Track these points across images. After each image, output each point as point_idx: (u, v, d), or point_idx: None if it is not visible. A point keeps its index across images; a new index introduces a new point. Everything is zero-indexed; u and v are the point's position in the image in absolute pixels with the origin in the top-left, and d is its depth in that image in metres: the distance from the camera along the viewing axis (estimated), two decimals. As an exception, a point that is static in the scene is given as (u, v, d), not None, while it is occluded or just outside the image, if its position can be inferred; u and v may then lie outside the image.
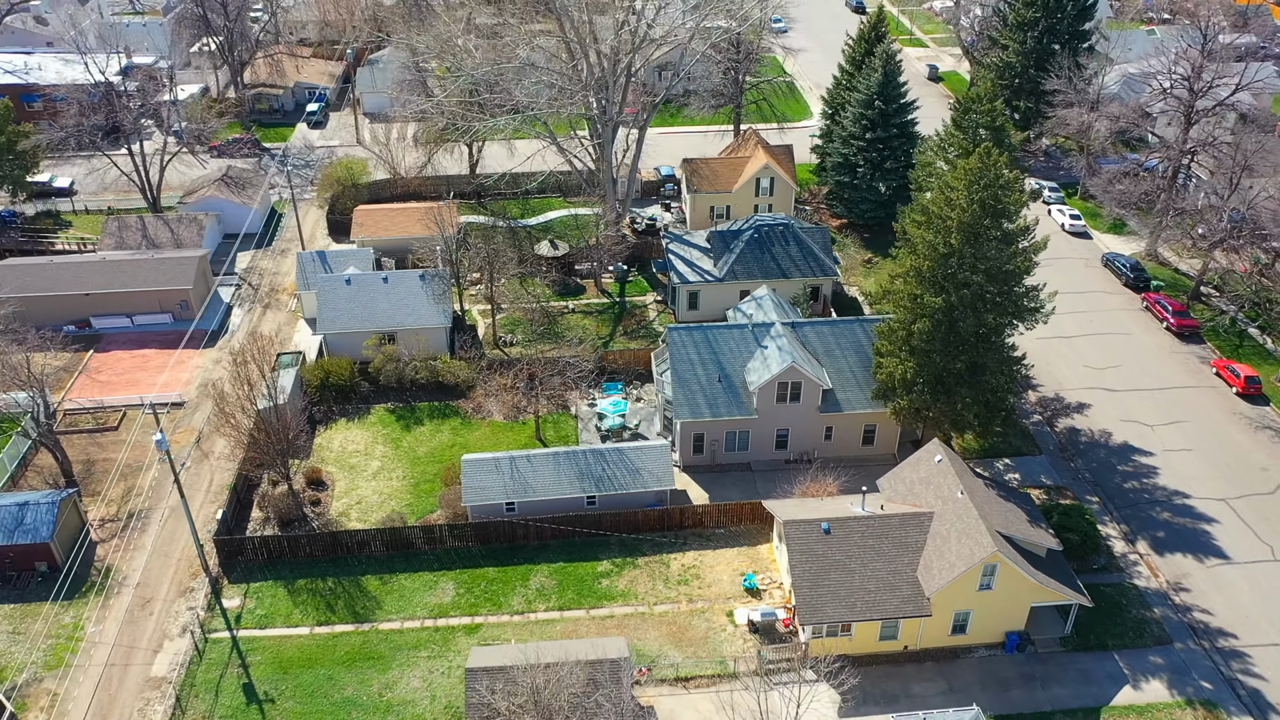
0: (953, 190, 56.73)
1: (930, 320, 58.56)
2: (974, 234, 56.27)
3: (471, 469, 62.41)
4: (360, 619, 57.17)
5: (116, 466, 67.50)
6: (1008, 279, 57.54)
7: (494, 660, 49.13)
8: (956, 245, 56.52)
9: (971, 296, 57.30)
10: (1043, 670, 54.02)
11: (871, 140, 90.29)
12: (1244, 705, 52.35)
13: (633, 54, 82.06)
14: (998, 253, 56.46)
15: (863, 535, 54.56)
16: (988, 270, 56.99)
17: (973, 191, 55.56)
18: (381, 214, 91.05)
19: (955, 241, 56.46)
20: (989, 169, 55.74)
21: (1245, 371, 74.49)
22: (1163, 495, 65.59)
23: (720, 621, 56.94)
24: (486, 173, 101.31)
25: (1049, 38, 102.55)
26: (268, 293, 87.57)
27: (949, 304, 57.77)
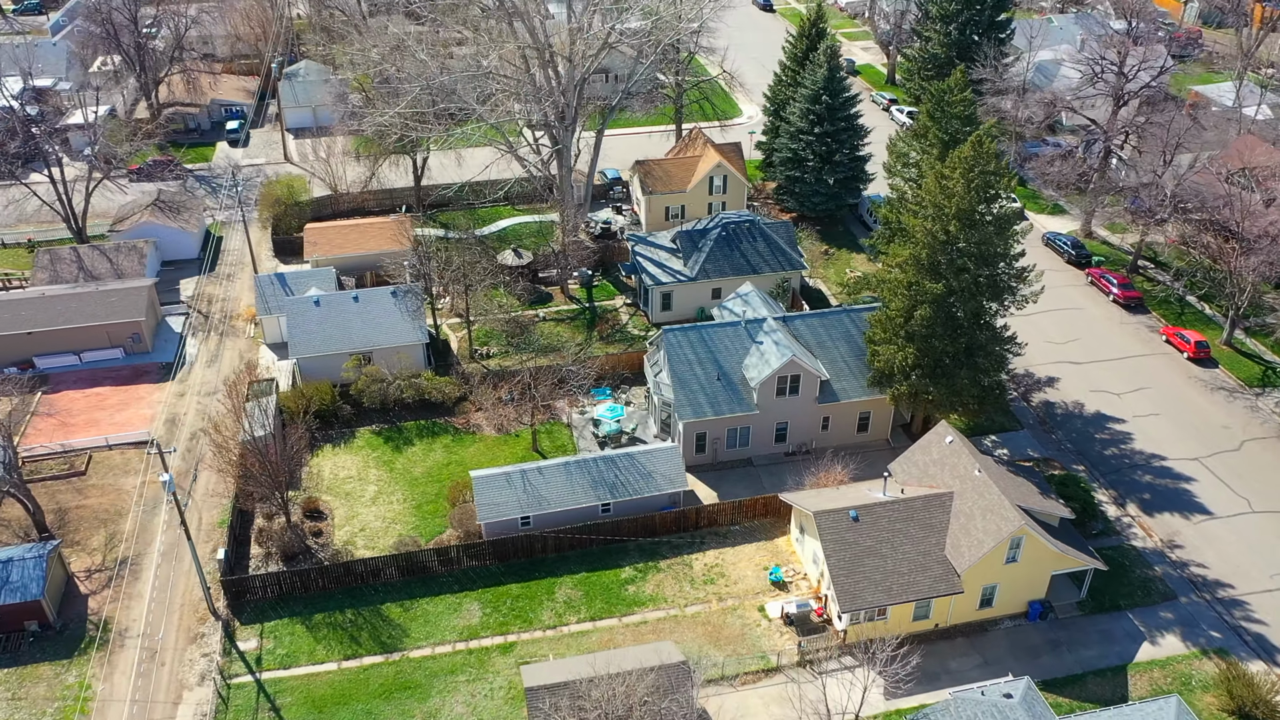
0: (947, 178, 58.49)
1: (931, 306, 60.25)
2: (969, 220, 58.17)
3: (483, 485, 61.26)
4: (389, 648, 55.49)
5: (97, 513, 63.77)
6: (998, 260, 59.72)
7: (551, 677, 48.41)
8: (954, 231, 58.32)
9: (970, 280, 59.21)
10: (1066, 635, 56.27)
11: (820, 134, 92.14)
12: (1252, 650, 55.62)
13: (595, 59, 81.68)
14: (991, 236, 58.53)
15: (890, 520, 55.80)
16: (981, 253, 59.03)
17: (969, 179, 57.43)
18: (334, 232, 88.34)
19: (953, 228, 58.25)
20: (982, 157, 57.73)
21: (1194, 337, 79.01)
22: (1141, 459, 69.04)
23: (753, 617, 57.39)
24: (433, 184, 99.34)
25: (970, 28, 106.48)
26: (221, 320, 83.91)
27: (949, 289, 59.58)
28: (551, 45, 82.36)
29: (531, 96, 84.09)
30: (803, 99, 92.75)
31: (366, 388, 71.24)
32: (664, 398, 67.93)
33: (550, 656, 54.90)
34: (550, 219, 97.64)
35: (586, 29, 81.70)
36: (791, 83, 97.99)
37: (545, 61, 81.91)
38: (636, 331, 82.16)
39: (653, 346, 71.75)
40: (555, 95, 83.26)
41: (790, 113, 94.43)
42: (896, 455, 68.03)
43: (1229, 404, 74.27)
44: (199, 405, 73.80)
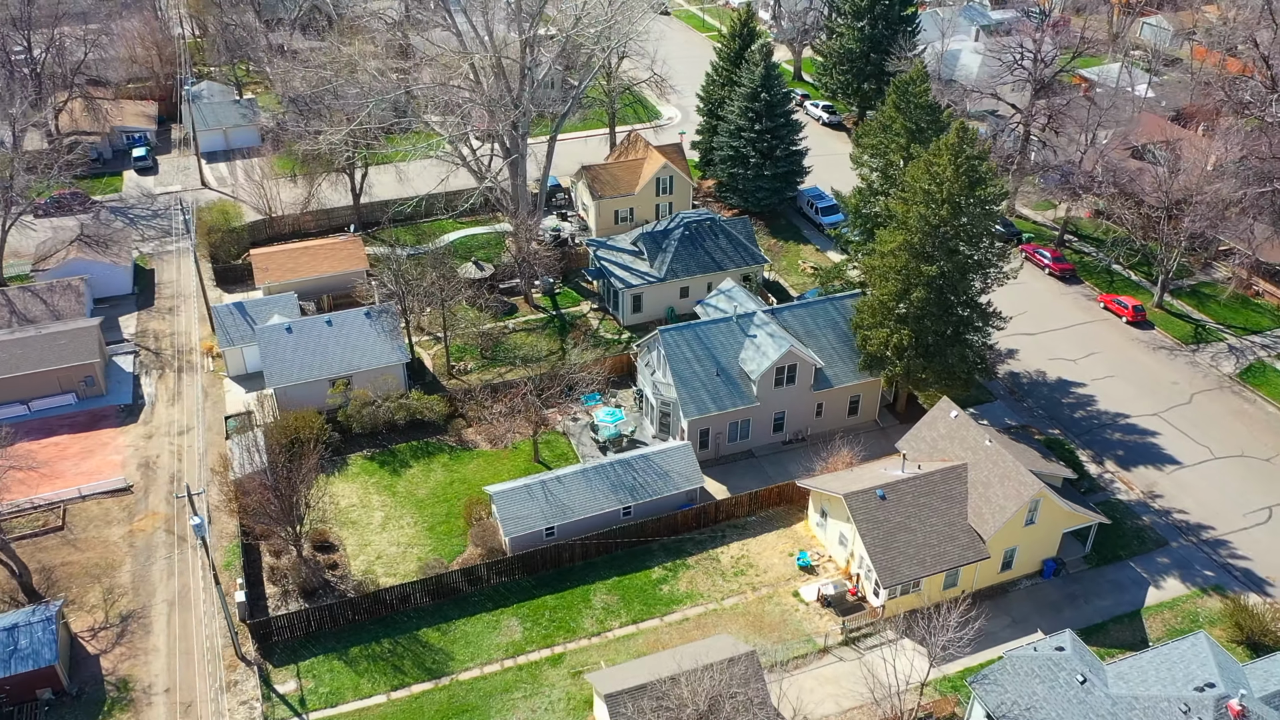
0: (935, 165, 61.17)
1: (925, 288, 62.88)
2: (959, 203, 61.01)
3: (505, 500, 60.60)
4: (436, 673, 54.37)
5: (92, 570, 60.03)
6: (984, 240, 62.89)
7: (625, 682, 48.44)
8: (946, 215, 61.06)
9: (961, 261, 62.11)
10: (1080, 589, 59.71)
11: (760, 131, 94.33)
12: (1243, 584, 60.28)
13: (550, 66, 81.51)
14: (980, 218, 61.58)
15: (914, 495, 58.02)
16: (970, 234, 62.03)
17: (958, 164, 60.24)
18: (283, 256, 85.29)
19: (945, 212, 60.98)
20: (966, 143, 60.65)
21: (1131, 302, 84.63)
22: (1107, 419, 73.63)
23: (790, 603, 58.70)
24: (373, 201, 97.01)
25: (883, 23, 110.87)
26: (173, 356, 79.93)
27: (942, 271, 62.32)
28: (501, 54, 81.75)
29: (484, 106, 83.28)
30: (741, 97, 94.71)
31: (357, 412, 69.29)
32: (664, 397, 68.55)
33: (602, 663, 54.87)
34: (498, 230, 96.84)
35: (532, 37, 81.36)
36: (726, 82, 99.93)
37: (498, 70, 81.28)
38: (609, 336, 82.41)
39: (642, 349, 72.19)
40: (508, 104, 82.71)
41: (729, 111, 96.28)
42: (886, 435, 71.02)
43: (1171, 361, 79.92)
44: (171, 446, 70.29)
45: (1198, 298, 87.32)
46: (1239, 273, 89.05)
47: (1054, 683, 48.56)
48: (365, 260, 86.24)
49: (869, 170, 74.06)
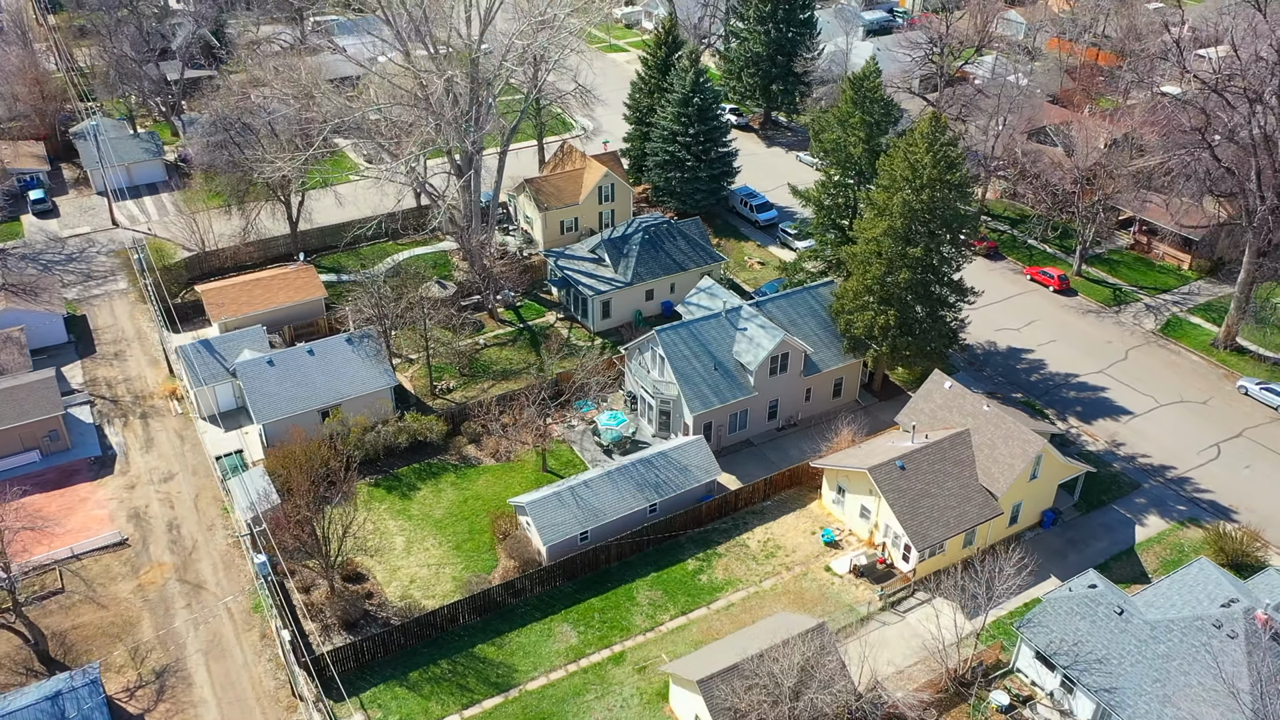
0: (913, 153, 65.23)
1: (911, 269, 66.88)
2: (935, 188, 65.25)
3: (539, 509, 60.95)
4: (503, 687, 54.38)
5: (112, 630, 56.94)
6: (959, 221, 67.46)
7: (713, 666, 49.86)
8: (927, 200, 65.20)
9: (942, 241, 66.43)
10: (1076, 534, 64.75)
11: (694, 134, 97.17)
12: (1211, 514, 66.70)
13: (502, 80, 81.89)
14: (955, 201, 66.05)
15: (929, 462, 61.69)
16: (948, 216, 66.44)
17: (935, 152, 64.47)
18: (235, 290, 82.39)
19: (926, 197, 65.11)
20: (939, 131, 64.99)
21: (1055, 273, 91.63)
22: (1060, 379, 79.67)
23: (825, 578, 61.39)
24: (312, 228, 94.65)
25: (786, 26, 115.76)
26: (133, 403, 76.13)
27: (926, 251, 66.47)
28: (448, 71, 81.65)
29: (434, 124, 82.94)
30: (673, 103, 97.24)
31: (359, 439, 68.01)
32: (665, 395, 70.18)
33: (664, 656, 56.12)
34: (443, 249, 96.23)
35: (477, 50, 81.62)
36: (654, 89, 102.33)
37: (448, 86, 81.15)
38: (582, 343, 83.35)
39: (632, 351, 73.54)
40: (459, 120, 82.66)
41: (661, 117, 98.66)
42: (869, 413, 74.86)
43: (1100, 323, 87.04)
44: (158, 494, 67.19)
45: (1109, 264, 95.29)
46: (1139, 239, 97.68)
47: (1094, 617, 52.88)
48: (322, 288, 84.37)
49: (831, 164, 77.64)
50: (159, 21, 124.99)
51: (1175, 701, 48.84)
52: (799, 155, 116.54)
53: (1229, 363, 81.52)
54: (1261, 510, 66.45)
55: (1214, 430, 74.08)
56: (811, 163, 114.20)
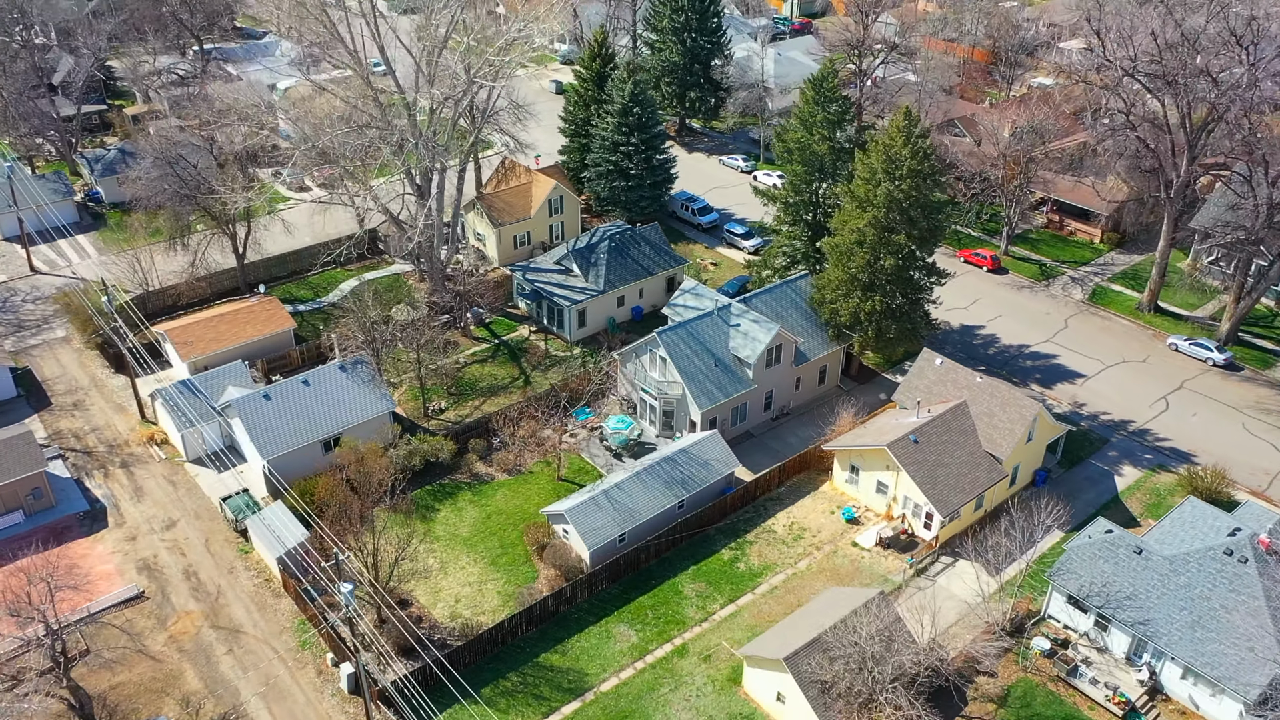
0: (891, 147, 69.23)
1: (895, 256, 70.88)
2: (913, 178, 69.47)
3: (579, 516, 61.65)
4: (577, 692, 54.99)
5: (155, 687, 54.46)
6: (934, 208, 71.98)
7: (792, 643, 51.86)
8: (908, 190, 69.32)
9: (923, 228, 70.72)
10: (1066, 489, 69.84)
11: (637, 143, 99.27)
12: (1176, 459, 73.18)
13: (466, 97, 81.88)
14: (932, 189, 70.46)
15: (937, 434, 65.58)
16: (926, 204, 70.78)
17: (912, 145, 68.64)
18: (200, 327, 79.39)
19: (907, 187, 69.22)
20: (913, 124, 69.24)
21: (987, 253, 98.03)
22: (1015, 350, 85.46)
23: (854, 553, 64.39)
24: (260, 259, 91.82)
25: (699, 35, 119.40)
26: (108, 452, 72.47)
27: (910, 238, 70.58)
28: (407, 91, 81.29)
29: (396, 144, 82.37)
30: (613, 114, 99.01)
31: (377, 466, 66.91)
32: (669, 395, 71.88)
33: (725, 643, 57.84)
34: (394, 272, 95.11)
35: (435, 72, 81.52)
36: (589, 101, 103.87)
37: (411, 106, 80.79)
38: (561, 354, 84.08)
39: (626, 356, 74.91)
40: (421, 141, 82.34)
41: (601, 128, 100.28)
42: (852, 396, 78.51)
43: (1035, 297, 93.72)
44: (165, 542, 64.43)
45: (1030, 243, 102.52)
46: (1051, 217, 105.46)
47: (1116, 559, 57.62)
48: (289, 319, 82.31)
49: (793, 162, 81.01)
50: (42, 55, 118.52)
51: (1203, 625, 53.88)
52: (721, 159, 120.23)
53: (1155, 323, 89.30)
54: (1216, 452, 73.34)
55: (1158, 385, 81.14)
56: (735, 165, 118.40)
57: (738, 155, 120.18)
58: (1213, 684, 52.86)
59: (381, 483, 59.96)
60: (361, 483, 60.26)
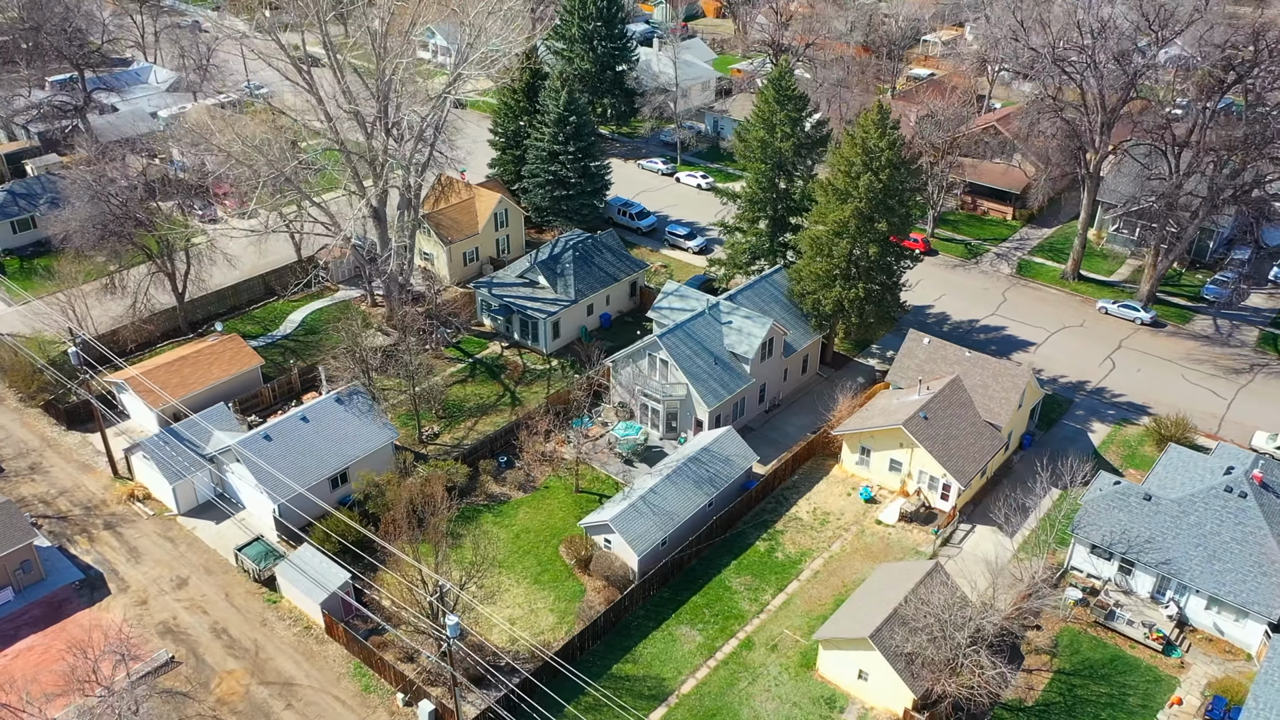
0: (868, 138, 72.17)
1: (876, 244, 73.94)
2: (890, 168, 72.70)
3: (624, 524, 61.60)
4: (660, 697, 55.16)
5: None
6: (907, 194, 75.52)
7: (871, 621, 53.59)
8: (886, 180, 72.45)
9: (901, 216, 74.08)
10: (1050, 449, 74.43)
11: (574, 152, 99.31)
12: (1136, 412, 79.23)
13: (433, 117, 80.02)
14: (906, 177, 73.92)
15: (943, 409, 68.88)
16: (901, 191, 74.17)
17: (889, 138, 71.80)
18: (163, 373, 74.49)
19: (885, 177, 72.33)
20: (885, 116, 72.44)
21: (919, 237, 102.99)
22: (968, 326, 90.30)
23: (880, 530, 66.89)
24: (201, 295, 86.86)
25: (608, 43, 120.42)
26: (85, 515, 67.31)
27: (890, 225, 73.77)
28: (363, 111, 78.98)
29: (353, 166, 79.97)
30: (549, 123, 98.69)
31: (396, 496, 64.80)
32: (674, 396, 72.59)
33: (787, 630, 59.16)
34: (341, 299, 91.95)
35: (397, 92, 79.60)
36: (521, 113, 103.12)
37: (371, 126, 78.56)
38: (539, 367, 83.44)
39: (622, 361, 75.12)
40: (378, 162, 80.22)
41: (538, 138, 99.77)
42: (832, 382, 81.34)
43: (968, 274, 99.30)
44: (181, 602, 60.52)
45: (951, 224, 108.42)
46: (964, 199, 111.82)
47: (1128, 508, 62.18)
48: (256, 356, 78.46)
49: (754, 159, 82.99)
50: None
51: (1219, 558, 58.91)
52: (640, 164, 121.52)
53: (1081, 290, 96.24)
54: (1166, 402, 79.89)
55: (1100, 346, 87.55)
56: (655, 169, 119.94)
57: (656, 159, 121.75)
58: (1237, 610, 57.90)
59: (445, 505, 58.26)
60: (427, 507, 58.47)
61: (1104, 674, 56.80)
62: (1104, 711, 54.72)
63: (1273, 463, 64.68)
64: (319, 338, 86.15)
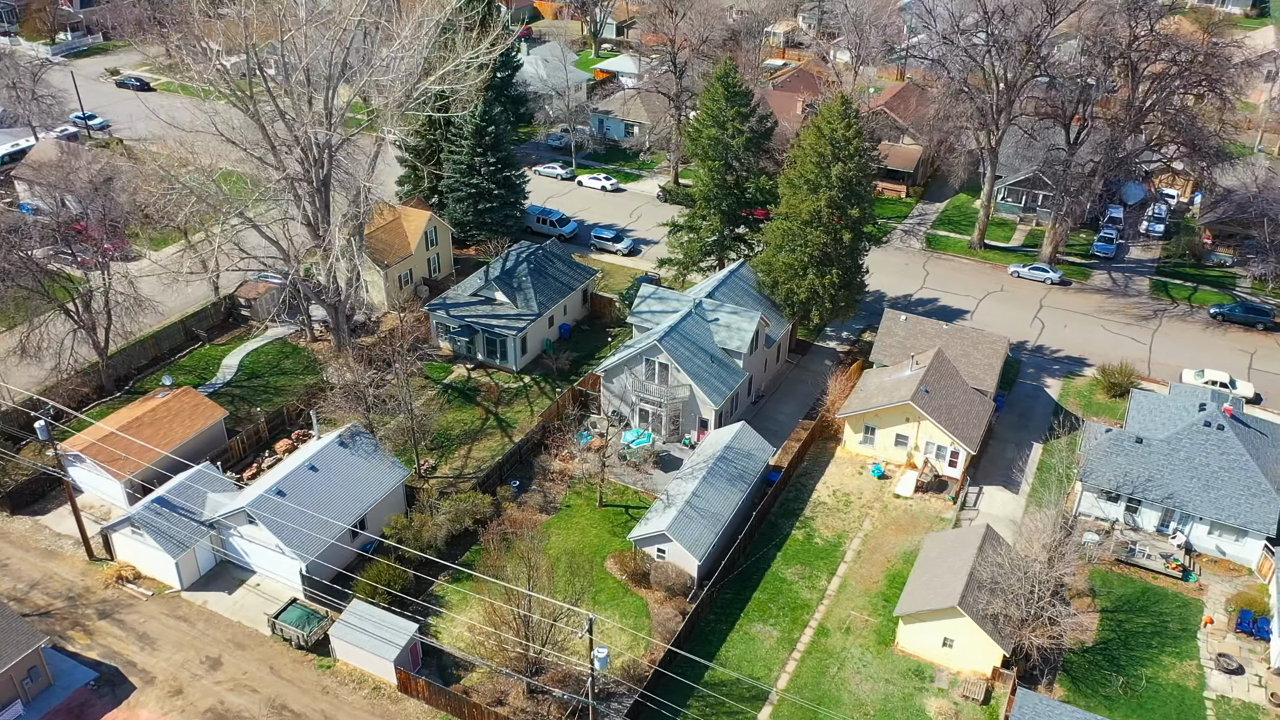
0: (833, 128, 74.47)
1: (852, 231, 76.52)
2: (857, 157, 75.42)
3: (679, 531, 61.12)
4: (761, 697, 55.50)
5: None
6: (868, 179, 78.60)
7: (953, 589, 55.76)
8: (855, 168, 75.04)
9: (870, 201, 76.98)
10: (1021, 405, 79.66)
11: (494, 163, 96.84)
12: (1076, 365, 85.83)
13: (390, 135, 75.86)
14: (868, 163, 76.83)
15: (937, 381, 72.25)
16: (864, 179, 77.06)
17: (854, 127, 74.39)
18: (123, 440, 67.30)
19: (854, 165, 74.90)
20: (847, 106, 75.02)
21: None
22: (905, 301, 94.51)
23: (901, 504, 69.53)
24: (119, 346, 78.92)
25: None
26: (72, 606, 60.07)
27: (860, 211, 76.49)
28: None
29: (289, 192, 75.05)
30: (466, 136, 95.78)
31: (432, 536, 61.69)
32: (677, 398, 72.53)
33: (855, 612, 60.68)
34: (273, 338, 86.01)
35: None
36: (438, 125, 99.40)
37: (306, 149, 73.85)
38: (513, 385, 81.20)
39: (614, 370, 74.29)
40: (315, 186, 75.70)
41: (454, 151, 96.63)
42: (801, 366, 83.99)
43: (884, 253, 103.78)
44: (223, 685, 55.25)
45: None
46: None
47: (1124, 452, 67.54)
48: (218, 409, 72.34)
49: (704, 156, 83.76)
50: None
51: (1212, 487, 65.06)
52: (537, 170, 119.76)
53: (990, 257, 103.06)
54: (1097, 352, 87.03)
55: (1024, 308, 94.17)
56: (554, 174, 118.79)
57: (554, 164, 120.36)
58: (1236, 531, 64.18)
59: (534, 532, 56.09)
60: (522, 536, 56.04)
61: (1141, 606, 61.64)
62: (1153, 640, 59.42)
63: (1221, 395, 71.97)
64: (266, 380, 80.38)
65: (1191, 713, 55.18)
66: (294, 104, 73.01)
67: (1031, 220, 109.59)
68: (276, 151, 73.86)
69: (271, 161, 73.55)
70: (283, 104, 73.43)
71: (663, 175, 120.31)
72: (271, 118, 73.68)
